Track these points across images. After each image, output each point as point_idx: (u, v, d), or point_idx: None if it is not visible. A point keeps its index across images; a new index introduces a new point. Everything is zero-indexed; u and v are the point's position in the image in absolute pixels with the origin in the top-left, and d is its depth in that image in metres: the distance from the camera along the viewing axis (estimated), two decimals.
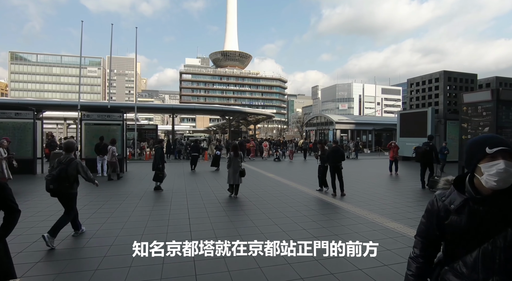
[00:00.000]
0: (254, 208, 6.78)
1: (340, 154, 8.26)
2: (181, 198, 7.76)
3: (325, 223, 5.57)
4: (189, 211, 6.41)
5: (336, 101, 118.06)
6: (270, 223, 5.52)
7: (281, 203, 7.24)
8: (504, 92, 7.31)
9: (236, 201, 7.54)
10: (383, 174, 12.95)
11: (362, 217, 5.90)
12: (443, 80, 19.37)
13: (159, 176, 8.84)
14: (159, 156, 8.95)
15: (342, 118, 37.02)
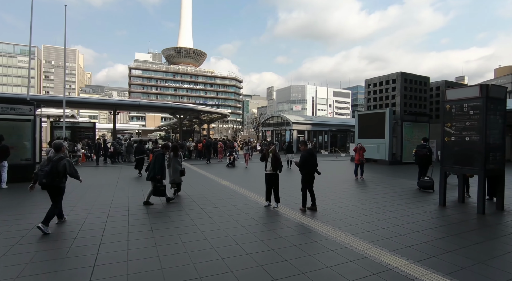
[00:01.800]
0: (196, 230, 4.88)
1: (315, 158, 6.79)
2: (123, 212, 5.57)
3: (300, 263, 3.88)
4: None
5: (290, 103, 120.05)
6: (219, 269, 3.67)
7: (236, 228, 5.42)
8: (493, 88, 6.32)
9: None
10: (348, 179, 11.83)
11: (347, 247, 4.34)
12: (400, 81, 19.22)
13: (160, 189, 7.08)
14: (159, 164, 7.12)
15: (299, 118, 36.43)
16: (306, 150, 6.76)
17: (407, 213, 6.43)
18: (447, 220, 5.99)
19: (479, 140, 6.49)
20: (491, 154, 6.56)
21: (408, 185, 10.34)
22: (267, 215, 6.22)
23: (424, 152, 9.71)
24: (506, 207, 7.05)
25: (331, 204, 7.24)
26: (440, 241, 4.69)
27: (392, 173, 13.93)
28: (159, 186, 7.06)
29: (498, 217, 6.27)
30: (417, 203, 7.47)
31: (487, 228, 5.46)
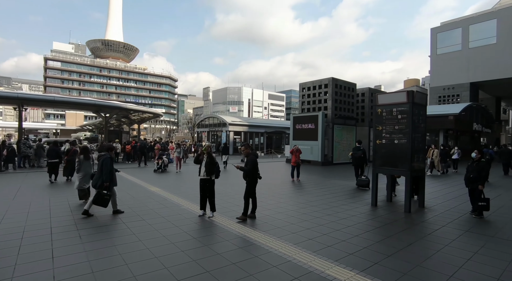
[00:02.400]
0: (127, 239, 4.02)
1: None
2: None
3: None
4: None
5: (227, 104, 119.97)
6: None
7: (165, 246, 4.67)
8: (418, 95, 6.74)
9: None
10: (285, 181, 11.82)
11: (290, 260, 3.98)
12: (331, 86, 20.29)
13: (104, 198, 6.10)
14: (108, 170, 6.16)
15: (236, 120, 36.21)
16: (253, 153, 6.30)
17: (344, 216, 6.45)
18: (381, 220, 6.15)
19: (406, 143, 6.87)
20: (416, 155, 7.01)
21: (341, 186, 10.72)
22: (202, 226, 5.57)
23: (359, 154, 10.63)
24: (426, 204, 7.63)
25: (271, 209, 6.92)
26: (379, 244, 4.67)
27: (325, 174, 14.45)
28: (103, 194, 6.10)
29: (422, 215, 6.70)
30: (351, 204, 7.64)
31: (415, 227, 5.72)
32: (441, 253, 4.39)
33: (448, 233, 5.36)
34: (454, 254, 4.35)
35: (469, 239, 5.07)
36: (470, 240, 5.02)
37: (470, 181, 6.74)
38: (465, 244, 4.83)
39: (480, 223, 6.09)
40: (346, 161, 21.19)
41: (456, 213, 6.93)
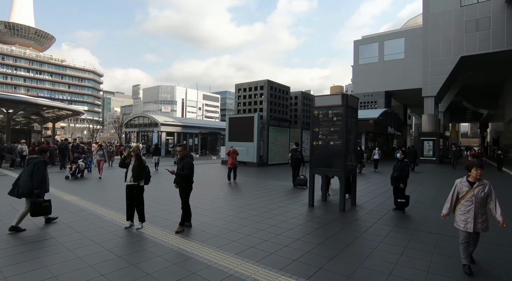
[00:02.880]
0: None
1: None
2: None
3: None
4: None
5: (159, 103, 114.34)
6: None
7: (82, 271, 3.85)
8: (351, 98, 7.04)
9: None
10: (222, 183, 11.41)
11: (233, 274, 3.60)
12: (267, 88, 20.60)
13: (42, 206, 5.37)
14: (39, 175, 5.35)
15: (168, 120, 34.40)
16: (189, 155, 5.70)
17: (284, 218, 6.34)
18: (319, 221, 6.19)
19: (341, 144, 7.12)
20: (349, 156, 7.32)
21: (278, 187, 10.77)
22: (128, 241, 4.82)
23: (297, 155, 11.11)
24: (357, 202, 8.04)
25: (208, 216, 6.43)
26: (321, 247, 4.61)
27: (261, 175, 14.47)
28: (40, 202, 5.33)
29: (355, 213, 7.00)
30: (290, 206, 7.62)
31: (351, 226, 5.88)
32: (378, 250, 4.53)
33: (380, 230, 5.63)
34: (388, 251, 4.52)
35: (397, 234, 5.39)
36: (398, 235, 5.34)
37: (394, 179, 7.30)
38: (395, 239, 5.10)
39: (403, 218, 6.60)
40: (280, 162, 21.75)
41: (383, 209, 7.43)
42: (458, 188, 4.02)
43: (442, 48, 27.83)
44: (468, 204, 3.89)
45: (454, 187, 4.07)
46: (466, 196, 3.92)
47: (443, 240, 5.09)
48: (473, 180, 3.95)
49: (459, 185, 4.03)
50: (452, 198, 4.04)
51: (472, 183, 3.96)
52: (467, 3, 27.18)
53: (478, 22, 26.30)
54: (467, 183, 3.99)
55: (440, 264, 4.08)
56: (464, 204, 3.93)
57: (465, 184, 3.98)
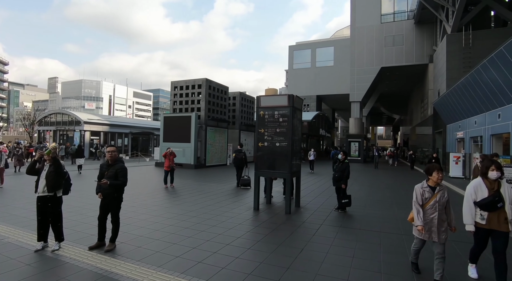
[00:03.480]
0: None
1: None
2: None
3: None
4: None
5: (82, 99, 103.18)
6: None
7: None
8: (297, 99, 7.01)
9: None
10: (158, 188, 10.43)
11: None
12: (205, 87, 19.88)
13: None
14: None
15: (93, 117, 30.92)
16: (121, 159, 4.79)
17: (230, 224, 5.92)
18: (267, 226, 5.93)
19: (287, 145, 7.00)
20: (294, 158, 7.25)
21: (219, 189, 10.29)
22: (40, 268, 3.81)
23: (241, 156, 11.27)
24: (300, 203, 8.05)
25: (144, 227, 5.64)
26: (274, 256, 4.32)
27: (200, 177, 13.78)
28: None
29: (300, 215, 6.94)
30: (234, 210, 7.23)
31: (300, 230, 5.75)
32: (330, 254, 4.42)
33: (328, 231, 5.62)
34: (340, 253, 4.46)
35: (344, 235, 5.43)
36: (345, 236, 5.38)
37: (336, 180, 7.48)
38: (344, 240, 5.10)
39: (346, 218, 6.77)
40: (218, 163, 21.23)
41: (326, 210, 7.55)
42: (420, 194, 3.60)
43: (366, 58, 30.69)
44: (431, 211, 3.53)
45: (416, 194, 3.63)
46: (428, 202, 3.56)
47: (385, 238, 5.28)
48: (433, 184, 3.59)
49: (421, 191, 3.62)
50: (419, 207, 3.57)
51: (433, 187, 3.59)
52: (386, 21, 30.52)
53: (394, 38, 29.73)
54: (428, 188, 3.60)
55: (390, 263, 4.14)
56: (426, 211, 3.55)
57: (427, 190, 3.60)
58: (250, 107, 26.73)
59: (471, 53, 19.55)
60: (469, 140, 15.62)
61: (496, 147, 12.89)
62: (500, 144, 12.88)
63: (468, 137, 15.74)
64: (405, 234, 5.53)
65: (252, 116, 26.96)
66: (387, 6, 30.62)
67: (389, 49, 29.80)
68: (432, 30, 27.83)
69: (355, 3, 31.58)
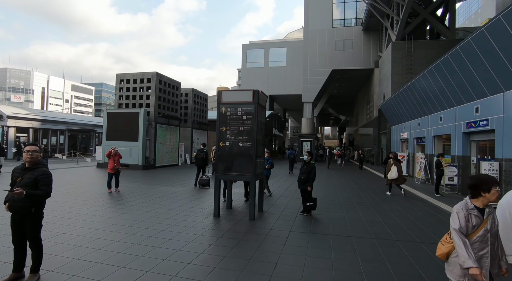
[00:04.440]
0: None
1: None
2: None
3: None
4: None
5: (6, 91, 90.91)
6: None
7: None
8: (262, 96, 6.49)
9: None
10: (100, 194, 9.09)
11: None
12: (155, 81, 18.42)
13: None
14: None
15: (20, 111, 26.95)
16: (44, 162, 3.68)
17: (190, 237, 5.14)
18: (232, 236, 5.27)
19: (251, 146, 6.42)
20: (258, 159, 6.70)
21: (172, 193, 9.33)
22: None
23: (202, 156, 11.40)
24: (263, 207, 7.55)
25: (82, 246, 4.58)
26: (245, 275, 3.69)
27: (149, 180, 12.55)
28: None
29: (265, 221, 6.42)
30: (192, 218, 6.44)
31: (268, 239, 5.21)
32: (308, 268, 3.95)
33: (298, 239, 5.17)
34: (318, 266, 4.01)
35: (316, 243, 5.02)
36: (318, 243, 4.98)
37: (301, 182, 7.12)
38: (318, 250, 4.68)
39: (314, 222, 6.43)
40: (169, 164, 19.88)
41: (290, 213, 7.15)
42: (465, 218, 2.36)
43: (318, 60, 31.57)
44: (480, 246, 2.34)
45: (458, 218, 2.37)
46: (476, 232, 2.35)
47: (358, 243, 4.99)
48: (483, 205, 2.40)
49: (465, 214, 2.38)
50: (465, 238, 2.32)
51: (482, 210, 2.39)
52: (337, 25, 31.75)
53: (344, 43, 31.05)
54: (476, 211, 2.38)
55: (372, 273, 3.80)
56: (475, 244, 2.34)
57: (474, 213, 2.37)
58: (203, 105, 25.66)
59: (412, 60, 21.07)
60: (413, 140, 16.72)
61: (437, 147, 13.90)
62: (440, 144, 13.91)
63: (412, 138, 16.83)
64: (376, 238, 5.34)
65: (205, 114, 25.91)
66: (338, 12, 31.89)
67: (339, 52, 31.04)
68: (378, 37, 29.62)
69: (308, 6, 32.28)
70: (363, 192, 10.91)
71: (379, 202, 8.97)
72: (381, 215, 7.24)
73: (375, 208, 8.00)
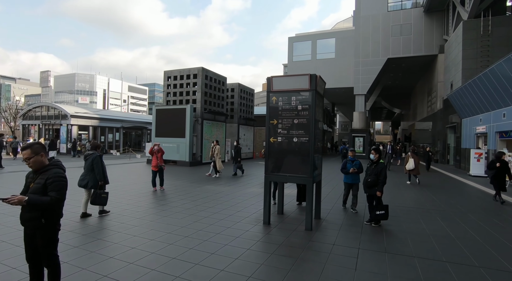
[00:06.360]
0: None
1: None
2: None
3: None
4: None
5: (75, 93, 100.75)
6: None
7: None
8: (320, 82, 5.36)
9: None
10: (145, 192, 8.76)
11: None
12: (201, 77, 18.12)
13: (102, 197, 5.79)
14: (100, 168, 5.94)
15: (81, 110, 28.96)
16: (58, 163, 3.04)
17: (235, 251, 4.27)
18: (287, 252, 4.29)
19: (307, 142, 5.35)
20: (317, 157, 5.61)
21: (216, 193, 8.65)
22: None
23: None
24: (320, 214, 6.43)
25: (114, 257, 3.97)
26: None
27: (194, 177, 12.11)
28: (100, 193, 5.77)
29: (325, 232, 5.32)
30: (239, 224, 5.59)
31: (334, 259, 4.12)
32: None
33: (372, 262, 4.00)
34: None
35: (399, 269, 3.80)
36: (402, 271, 3.75)
37: (368, 185, 5.87)
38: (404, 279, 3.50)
39: (387, 236, 5.16)
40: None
41: (354, 222, 5.95)
42: None
43: (371, 49, 29.00)
44: None
45: None
46: None
47: (461, 274, 3.67)
48: None
49: None
50: None
51: None
52: (392, 9, 28.79)
53: (402, 28, 28.03)
54: None
55: None
56: None
57: None
58: (250, 100, 25.02)
59: (490, 41, 17.96)
60: (494, 135, 14.09)
61: None
62: None
63: (492, 131, 14.20)
64: (483, 266, 3.94)
65: (251, 109, 25.25)
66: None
67: (396, 39, 28.12)
68: (442, 18, 26.17)
69: None
70: (438, 195, 9.16)
71: (466, 211, 7.27)
72: (474, 229, 5.67)
73: (462, 219, 6.40)
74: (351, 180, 6.89)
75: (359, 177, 6.98)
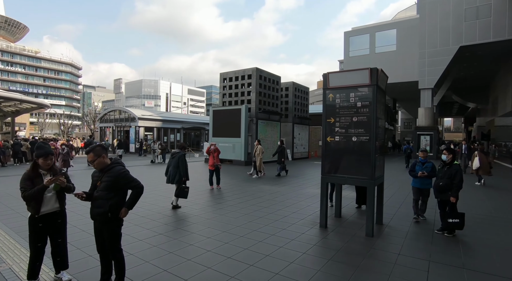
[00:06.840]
0: None
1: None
2: None
3: None
4: None
5: (142, 98, 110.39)
6: None
7: None
8: (382, 75, 4.89)
9: None
10: (203, 190, 9.12)
11: None
12: (255, 77, 18.31)
13: (184, 191, 6.75)
14: (184, 166, 6.95)
15: (146, 113, 31.54)
16: (119, 161, 3.32)
17: (290, 255, 4.15)
18: (346, 260, 4.02)
19: (368, 141, 4.96)
20: (378, 158, 5.18)
21: (271, 193, 8.59)
22: None
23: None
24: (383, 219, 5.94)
25: (163, 257, 4.15)
26: None
27: (250, 177, 12.25)
28: (183, 187, 6.75)
29: (388, 240, 4.89)
30: (294, 227, 5.45)
31: (399, 271, 3.74)
32: None
33: (450, 277, 3.53)
34: None
35: None
36: None
37: (439, 190, 5.24)
38: None
39: (464, 249, 4.54)
40: (270, 160, 19.58)
41: (422, 230, 5.36)
42: None
43: (440, 37, 26.26)
44: None
45: None
46: None
47: None
48: None
49: None
50: None
51: None
52: None
53: (478, 10, 24.80)
54: None
55: None
56: None
57: None
58: (304, 99, 24.57)
59: None
60: None
61: None
62: None
63: None
64: None
65: (306, 108, 24.77)
66: None
67: (470, 24, 24.97)
68: None
69: None
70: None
71: None
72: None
73: None
74: (420, 184, 6.04)
75: (431, 181, 5.99)
